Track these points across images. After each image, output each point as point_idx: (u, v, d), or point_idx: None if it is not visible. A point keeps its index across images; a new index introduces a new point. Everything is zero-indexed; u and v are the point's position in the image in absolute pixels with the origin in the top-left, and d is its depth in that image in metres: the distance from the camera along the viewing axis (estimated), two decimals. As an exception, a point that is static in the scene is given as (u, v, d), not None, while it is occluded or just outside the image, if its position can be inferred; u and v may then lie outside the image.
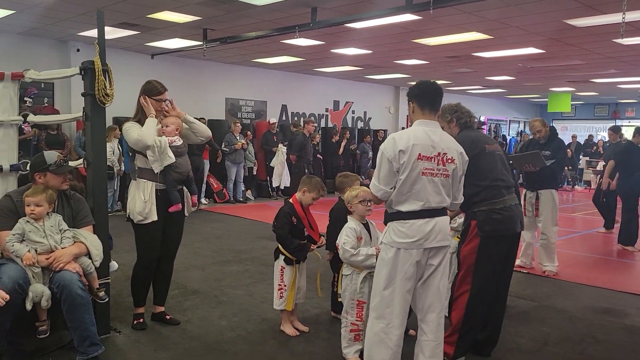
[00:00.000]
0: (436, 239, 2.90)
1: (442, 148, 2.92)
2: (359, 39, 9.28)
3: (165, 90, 3.85)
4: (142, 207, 3.71)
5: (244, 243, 7.29)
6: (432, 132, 2.94)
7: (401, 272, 2.89)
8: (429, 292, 2.97)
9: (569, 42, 9.26)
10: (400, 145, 2.84)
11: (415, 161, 2.84)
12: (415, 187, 2.86)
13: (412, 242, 2.87)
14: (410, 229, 2.87)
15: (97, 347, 3.32)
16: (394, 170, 2.85)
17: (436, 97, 3.00)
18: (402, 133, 2.94)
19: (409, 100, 3.06)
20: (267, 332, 4.02)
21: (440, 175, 2.90)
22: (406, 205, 2.88)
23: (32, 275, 3.24)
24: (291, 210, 3.94)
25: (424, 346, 2.99)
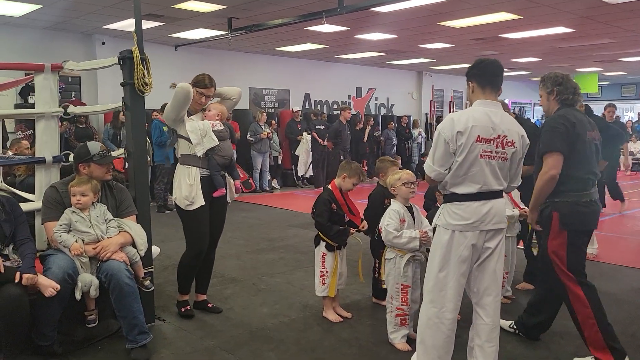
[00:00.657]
0: (492, 221, 2.82)
1: (503, 130, 2.80)
2: (384, 23, 9.15)
3: (211, 86, 3.83)
4: (188, 191, 3.70)
5: (275, 231, 7.29)
6: (493, 113, 2.82)
7: (456, 254, 2.83)
8: (485, 275, 2.90)
9: (600, 20, 9.01)
10: (458, 126, 2.74)
11: (473, 143, 2.74)
12: (472, 170, 2.77)
13: (467, 225, 2.80)
14: (466, 211, 2.80)
15: (146, 335, 3.34)
16: (450, 151, 2.77)
17: (497, 76, 2.88)
18: (461, 113, 2.83)
19: (468, 80, 2.94)
20: (310, 319, 4.01)
21: (498, 158, 2.80)
22: (462, 188, 2.81)
23: (80, 265, 3.26)
24: (330, 197, 3.90)
25: (479, 330, 2.92)
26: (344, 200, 3.95)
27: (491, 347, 2.91)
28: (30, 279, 3.00)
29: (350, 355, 3.40)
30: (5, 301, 2.94)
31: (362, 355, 3.41)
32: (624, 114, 20.47)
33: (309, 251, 6.11)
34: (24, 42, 9.58)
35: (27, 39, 9.61)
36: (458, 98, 18.24)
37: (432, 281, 2.91)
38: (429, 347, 2.93)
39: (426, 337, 2.95)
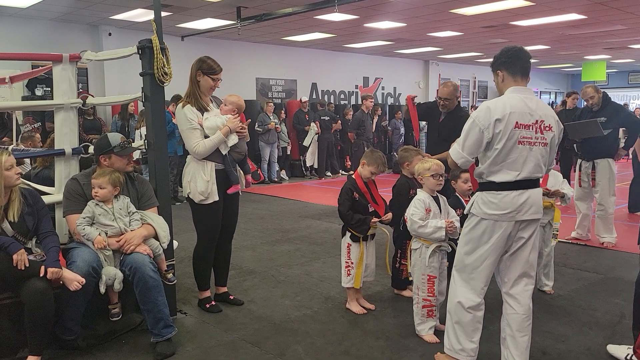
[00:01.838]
0: (529, 211, 2.77)
1: (540, 115, 2.77)
2: (395, 11, 9.04)
3: (220, 70, 3.74)
4: (204, 187, 3.63)
5: (288, 222, 7.24)
6: (528, 99, 2.79)
7: (487, 243, 2.81)
8: (518, 264, 2.87)
9: (613, 6, 8.89)
10: (496, 113, 2.70)
11: (512, 130, 2.70)
12: (511, 157, 2.73)
13: (503, 214, 2.75)
14: (503, 200, 2.75)
15: (171, 328, 3.30)
16: (484, 140, 2.74)
17: (527, 62, 2.86)
18: (497, 101, 2.78)
19: (495, 69, 2.90)
20: (333, 311, 3.96)
21: (539, 144, 2.76)
22: (499, 176, 2.76)
23: (103, 259, 3.21)
24: (353, 186, 3.84)
25: (510, 320, 2.89)
26: (368, 189, 3.88)
27: (523, 337, 2.88)
28: (55, 272, 2.95)
29: (377, 348, 3.36)
30: (30, 295, 2.90)
31: (390, 347, 3.37)
32: (631, 102, 20.29)
33: (324, 242, 6.07)
34: (31, 33, 9.50)
35: (33, 31, 9.53)
36: (465, 87, 18.11)
37: (460, 265, 2.94)
38: (456, 326, 2.97)
39: (453, 317, 2.98)
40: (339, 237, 4.08)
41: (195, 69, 3.73)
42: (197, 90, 3.73)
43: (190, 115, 3.65)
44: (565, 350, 3.31)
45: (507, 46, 2.90)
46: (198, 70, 3.72)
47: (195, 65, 3.75)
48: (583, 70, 17.91)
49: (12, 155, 3.08)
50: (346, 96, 14.95)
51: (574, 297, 4.25)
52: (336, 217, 3.91)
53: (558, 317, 3.82)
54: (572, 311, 3.94)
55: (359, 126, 10.90)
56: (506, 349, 2.92)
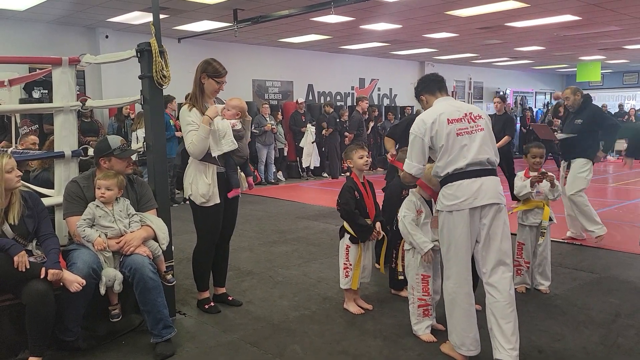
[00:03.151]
0: (485, 197, 2.97)
1: (466, 109, 3.13)
2: (390, 12, 9.10)
3: (226, 73, 3.77)
4: (206, 190, 3.66)
5: (285, 224, 7.27)
6: (453, 101, 3.24)
7: (455, 233, 3.01)
8: (492, 253, 3.02)
9: (608, 7, 8.97)
10: (428, 120, 3.06)
11: (447, 126, 3.03)
12: (455, 148, 3.01)
13: (461, 202, 2.97)
14: (459, 189, 2.98)
15: (171, 329, 3.33)
16: (426, 145, 3.06)
17: (441, 81, 3.31)
18: (426, 112, 3.17)
19: (419, 97, 3.36)
20: (331, 311, 3.99)
21: (476, 131, 3.05)
22: (451, 166, 3.01)
23: (103, 260, 3.24)
24: (354, 185, 3.88)
25: (493, 308, 3.01)
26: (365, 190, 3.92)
27: (507, 324, 2.97)
28: (56, 274, 2.97)
29: (375, 347, 3.39)
30: (31, 297, 2.92)
31: (388, 346, 3.40)
32: (625, 102, 20.39)
33: (321, 243, 6.11)
34: (28, 36, 9.52)
35: (30, 33, 9.55)
36: (460, 87, 18.19)
37: (444, 260, 3.15)
38: (454, 321, 3.10)
39: (449, 312, 3.13)
40: (336, 238, 4.12)
41: (200, 72, 3.74)
42: (201, 92, 3.76)
43: (193, 119, 3.67)
44: (561, 349, 3.35)
45: (424, 76, 3.43)
46: (203, 72, 3.73)
47: (200, 67, 3.76)
48: (578, 71, 18.01)
49: (12, 158, 3.10)
50: (342, 97, 14.99)
51: (570, 296, 4.30)
52: (333, 218, 3.95)
53: (554, 316, 3.86)
54: (568, 310, 3.98)
55: (358, 127, 10.95)
56: (494, 339, 3.01)
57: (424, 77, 3.38)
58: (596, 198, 7.73)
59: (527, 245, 4.33)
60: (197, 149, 3.60)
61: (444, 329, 3.59)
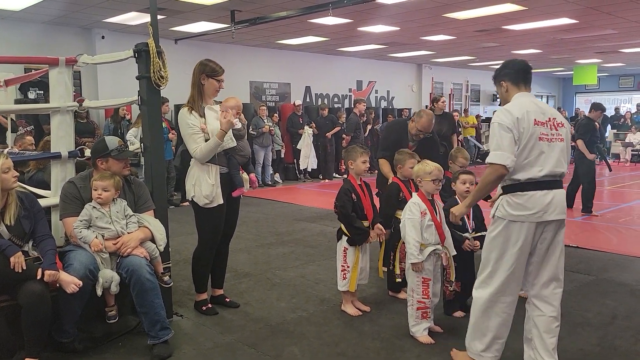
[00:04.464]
0: (555, 211, 2.80)
1: (551, 113, 2.89)
2: (388, 15, 9.11)
3: (223, 71, 3.78)
4: (209, 191, 3.65)
5: (282, 225, 7.26)
6: (537, 101, 2.96)
7: (515, 245, 2.81)
8: (547, 267, 2.89)
9: (605, 11, 9.00)
10: (516, 113, 2.79)
11: (532, 126, 2.79)
12: (533, 153, 2.78)
13: (530, 215, 2.77)
14: (529, 200, 2.78)
15: (168, 331, 3.31)
16: (515, 138, 2.77)
17: (529, 74, 3.00)
18: (511, 104, 2.88)
19: (499, 80, 3.02)
20: (329, 313, 3.98)
21: (556, 139, 2.84)
22: (524, 173, 2.79)
23: (100, 261, 3.22)
24: (351, 188, 3.87)
25: (537, 322, 2.92)
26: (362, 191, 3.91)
27: (552, 339, 2.93)
28: (52, 275, 2.96)
29: (373, 349, 3.38)
30: (27, 298, 2.91)
31: (386, 348, 3.39)
32: (621, 105, 20.47)
33: (318, 245, 6.10)
34: (24, 36, 9.49)
35: (26, 34, 9.52)
36: (457, 90, 18.23)
37: (489, 269, 2.92)
38: (485, 327, 2.94)
39: (480, 319, 2.96)
40: (334, 239, 4.11)
41: (198, 73, 3.75)
42: (201, 93, 3.75)
43: (191, 120, 3.67)
44: (560, 351, 3.31)
45: (508, 59, 3.06)
46: (202, 74, 3.74)
47: (198, 69, 3.77)
48: (574, 74, 18.07)
49: (9, 159, 3.08)
50: (340, 99, 15.00)
51: (567, 298, 4.26)
52: (330, 220, 3.94)
53: (551, 318, 3.86)
54: (565, 312, 3.93)
55: (355, 129, 10.96)
56: (533, 350, 2.95)
57: (511, 62, 3.03)
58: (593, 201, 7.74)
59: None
60: (205, 157, 3.64)
61: (441, 331, 3.60)
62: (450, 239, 3.59)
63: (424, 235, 3.44)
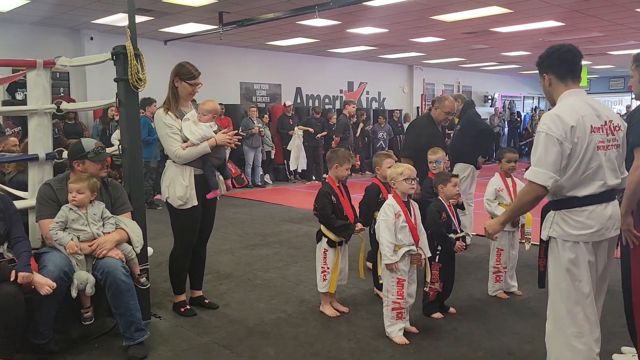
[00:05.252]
0: (614, 226, 2.51)
1: (606, 115, 2.51)
2: (376, 17, 9.15)
3: (199, 74, 3.79)
4: (183, 192, 3.67)
5: (268, 227, 7.28)
6: (589, 100, 2.53)
7: (584, 268, 2.46)
8: (602, 289, 2.63)
9: (590, 14, 9.07)
10: (569, 120, 2.39)
11: (589, 135, 2.41)
12: (592, 166, 2.42)
13: (592, 233, 2.44)
14: (590, 217, 2.43)
15: (143, 332, 3.33)
16: (566, 152, 2.39)
17: (576, 65, 2.56)
18: (563, 107, 2.47)
19: (542, 72, 2.60)
20: (307, 314, 4.01)
21: (612, 147, 2.49)
22: (583, 189, 2.43)
23: (75, 263, 3.23)
24: (330, 190, 3.89)
25: None
26: (341, 192, 3.94)
27: None
28: (26, 277, 2.96)
29: (348, 349, 3.41)
30: (1, 300, 2.91)
31: (360, 348, 3.42)
32: (612, 107, 20.58)
33: (303, 246, 6.12)
34: (11, 37, 9.47)
35: (14, 35, 9.50)
36: (449, 92, 18.27)
37: (564, 304, 2.51)
38: None
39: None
40: (317, 241, 4.13)
41: (173, 75, 3.79)
42: (176, 96, 3.78)
43: (169, 122, 3.70)
44: (531, 351, 3.39)
45: (553, 46, 2.60)
46: (176, 76, 3.77)
47: (174, 71, 3.80)
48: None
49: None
50: (331, 101, 15.03)
51: (544, 299, 4.24)
52: (317, 221, 3.95)
53: (526, 319, 3.90)
54: (541, 313, 3.96)
55: (344, 130, 10.98)
56: None
57: (556, 50, 2.56)
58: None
59: (505, 251, 4.36)
60: (189, 158, 3.68)
61: (417, 331, 3.63)
62: (425, 240, 3.63)
63: (398, 237, 3.47)
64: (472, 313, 4.02)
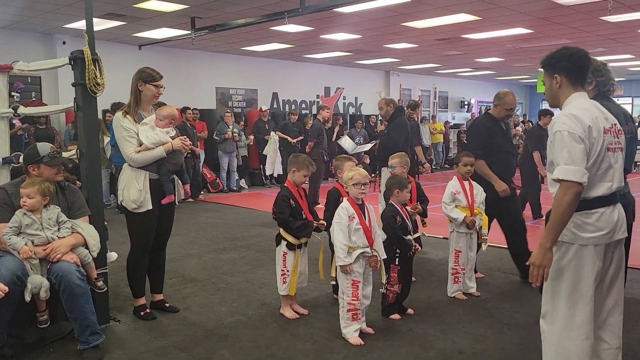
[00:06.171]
0: (622, 228, 2.51)
1: (612, 118, 2.57)
2: (348, 23, 9.25)
3: (161, 77, 3.83)
4: (137, 196, 3.70)
5: (239, 231, 7.31)
6: (596, 103, 2.59)
7: (588, 273, 2.44)
8: (612, 293, 2.58)
9: (556, 21, 9.28)
10: (586, 120, 2.38)
11: (602, 135, 2.43)
12: (603, 167, 2.44)
13: (602, 236, 2.43)
14: (600, 219, 2.43)
15: (98, 336, 3.34)
16: (586, 149, 2.37)
17: (587, 71, 2.59)
18: (576, 108, 2.45)
19: (552, 73, 2.55)
20: (267, 317, 4.05)
21: (618, 149, 2.51)
22: (595, 190, 2.43)
23: (29, 267, 3.24)
24: (288, 194, 3.94)
25: (604, 356, 2.59)
26: (300, 196, 4.00)
27: None
28: (-23, 281, 2.96)
29: (303, 351, 3.46)
30: (-50, 304, 2.91)
31: (316, 350, 3.47)
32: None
33: (270, 250, 6.09)
34: (-19, 41, 9.38)
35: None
36: (425, 97, 18.49)
37: (564, 306, 2.49)
38: None
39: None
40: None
41: (135, 80, 3.82)
42: (138, 100, 3.81)
43: (126, 125, 3.73)
44: (481, 350, 3.47)
45: (567, 47, 2.58)
46: (139, 80, 3.80)
47: (136, 76, 3.84)
48: (538, 81, 18.48)
49: None
50: (307, 106, 15.10)
51: (501, 299, 4.44)
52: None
53: (481, 319, 3.99)
54: (496, 313, 4.12)
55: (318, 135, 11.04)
56: None
57: (573, 55, 2.51)
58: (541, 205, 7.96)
59: (463, 252, 4.45)
60: (144, 162, 3.71)
61: (373, 332, 3.69)
62: (380, 243, 3.70)
63: (352, 239, 3.53)
64: (429, 314, 4.09)
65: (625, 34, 10.62)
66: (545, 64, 2.60)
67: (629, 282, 4.20)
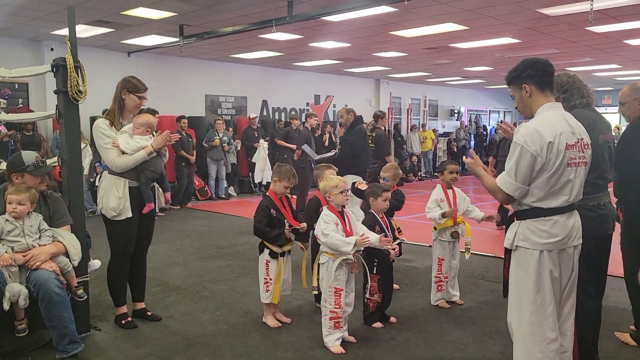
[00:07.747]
0: (577, 235, 2.60)
1: (579, 132, 2.59)
2: (336, 32, 9.29)
3: (145, 89, 3.84)
4: (116, 204, 3.69)
5: (226, 239, 7.29)
6: (566, 115, 2.61)
7: (547, 277, 2.53)
8: (570, 298, 2.66)
9: (543, 31, 9.37)
10: (547, 136, 2.45)
11: (564, 152, 2.49)
12: (561, 181, 2.51)
13: (557, 242, 2.53)
14: (555, 226, 2.52)
15: (77, 344, 3.31)
16: (537, 167, 2.48)
17: (552, 76, 2.64)
18: (542, 122, 2.52)
19: (520, 83, 2.61)
20: (249, 325, 4.04)
21: (581, 164, 2.57)
22: (549, 202, 2.52)
23: (8, 275, 3.21)
24: (269, 203, 3.95)
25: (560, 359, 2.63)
26: (283, 205, 4.00)
27: None
28: (-46, 289, 2.94)
29: (285, 359, 3.45)
30: None
31: (297, 358, 3.46)
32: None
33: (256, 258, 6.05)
34: (-32, 47, 9.33)
35: (-29, 45, 9.37)
36: (415, 105, 18.58)
37: (528, 311, 2.56)
38: None
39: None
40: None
41: (120, 88, 3.83)
42: (121, 108, 3.82)
43: (107, 132, 3.75)
44: (462, 358, 3.48)
45: (530, 58, 2.64)
46: (123, 89, 3.82)
47: (120, 84, 3.85)
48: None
49: None
50: (297, 113, 15.10)
51: (484, 307, 4.45)
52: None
53: (463, 327, 4.00)
54: (478, 321, 4.13)
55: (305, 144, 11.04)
56: None
57: (537, 62, 2.58)
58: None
59: (446, 261, 4.47)
60: (126, 167, 3.71)
61: (355, 341, 3.69)
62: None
63: (335, 246, 3.54)
64: (412, 322, 4.10)
65: (611, 44, 10.75)
66: (511, 77, 2.68)
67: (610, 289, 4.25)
